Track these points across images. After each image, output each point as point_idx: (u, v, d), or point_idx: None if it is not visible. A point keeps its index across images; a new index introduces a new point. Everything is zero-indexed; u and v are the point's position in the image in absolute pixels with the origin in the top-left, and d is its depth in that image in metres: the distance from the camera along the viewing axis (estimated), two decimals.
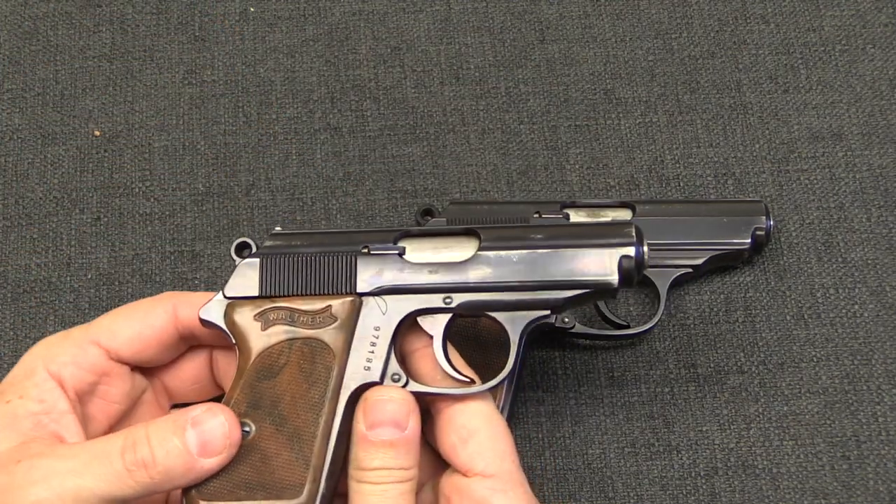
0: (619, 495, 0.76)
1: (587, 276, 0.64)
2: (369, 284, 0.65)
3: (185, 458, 0.61)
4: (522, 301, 0.65)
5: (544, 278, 0.65)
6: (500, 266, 0.65)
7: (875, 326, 0.80)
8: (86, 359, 0.66)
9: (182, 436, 0.62)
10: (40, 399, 0.64)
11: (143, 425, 0.62)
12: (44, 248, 0.83)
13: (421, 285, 0.65)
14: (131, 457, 0.60)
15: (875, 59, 0.89)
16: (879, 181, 0.85)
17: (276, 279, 0.66)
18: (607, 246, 0.65)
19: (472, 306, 0.65)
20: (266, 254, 0.66)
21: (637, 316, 0.81)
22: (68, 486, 0.59)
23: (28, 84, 0.89)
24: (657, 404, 0.78)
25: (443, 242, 0.66)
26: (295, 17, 0.91)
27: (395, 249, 0.66)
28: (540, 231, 0.66)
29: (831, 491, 0.76)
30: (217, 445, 0.62)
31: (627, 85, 0.88)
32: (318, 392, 0.63)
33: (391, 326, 0.65)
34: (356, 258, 0.66)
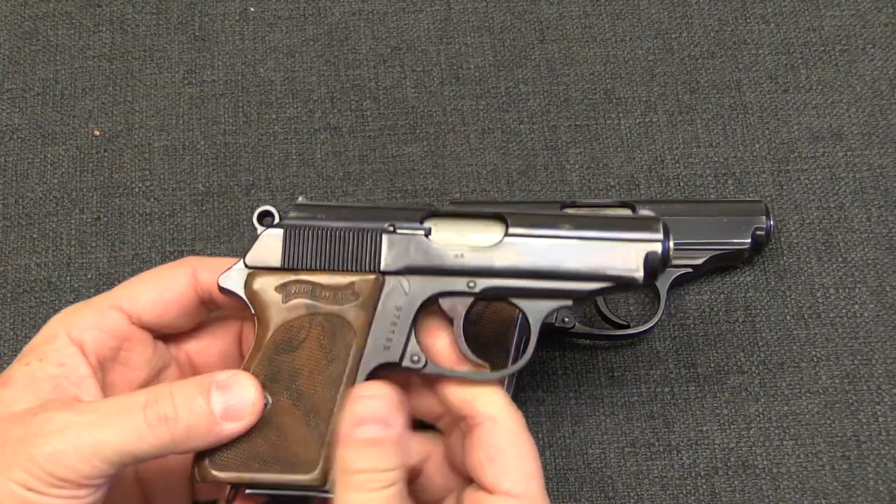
0: (619, 495, 0.76)
1: (613, 270, 0.64)
2: (394, 263, 0.64)
3: (209, 418, 0.61)
4: (546, 289, 0.64)
5: (570, 269, 0.64)
6: (526, 253, 0.64)
7: (875, 326, 0.80)
8: (107, 323, 0.65)
9: (207, 396, 0.61)
10: (60, 363, 0.63)
11: (167, 384, 0.62)
12: (44, 248, 0.83)
13: (446, 267, 0.64)
14: (153, 412, 0.60)
15: (875, 59, 0.89)
16: (879, 181, 0.85)
17: (300, 252, 0.65)
18: (634, 241, 0.64)
19: (496, 291, 0.65)
20: (290, 225, 0.65)
21: (637, 316, 0.81)
22: (85, 439, 0.59)
23: (28, 84, 0.89)
24: (657, 404, 0.78)
25: (469, 226, 0.66)
26: (295, 17, 0.91)
27: (421, 230, 0.65)
28: (568, 221, 0.65)
29: (831, 491, 0.76)
30: (241, 411, 0.61)
31: (627, 85, 0.88)
32: (337, 369, 0.63)
33: (413, 307, 0.64)
34: (381, 236, 0.65)
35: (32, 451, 0.58)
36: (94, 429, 0.59)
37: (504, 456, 0.62)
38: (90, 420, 0.59)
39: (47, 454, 0.58)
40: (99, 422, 0.59)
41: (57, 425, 0.59)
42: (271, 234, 0.65)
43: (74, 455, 0.58)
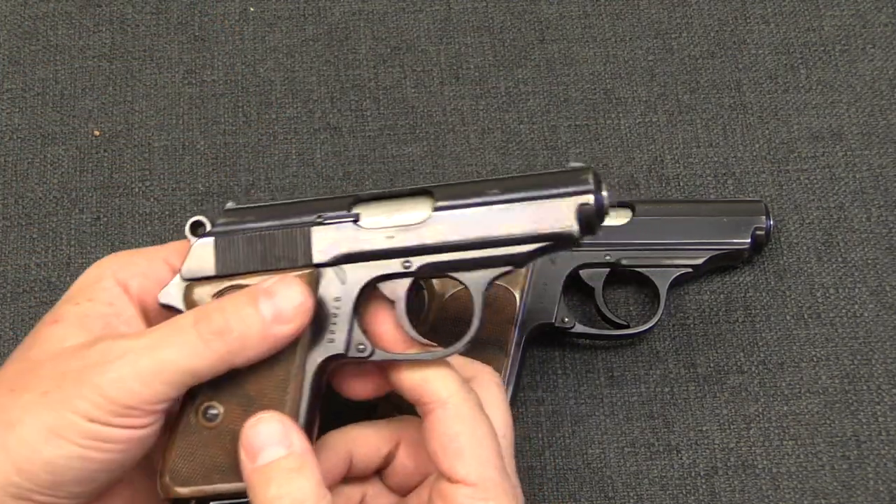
0: (619, 495, 0.76)
1: (547, 229, 0.62)
2: (326, 255, 0.63)
3: (260, 324, 0.61)
4: (482, 259, 0.63)
5: (503, 234, 0.63)
6: (457, 224, 0.63)
7: (875, 326, 0.80)
8: (153, 272, 0.65)
9: (255, 304, 0.61)
10: (110, 302, 0.63)
11: (213, 301, 0.62)
12: (43, 248, 0.83)
13: (378, 251, 0.63)
14: (205, 327, 0.60)
15: (875, 59, 0.89)
16: (879, 181, 0.85)
17: (232, 257, 0.64)
18: (565, 195, 0.63)
19: (432, 268, 0.63)
20: (219, 232, 0.65)
21: (637, 316, 0.81)
22: (146, 363, 0.59)
23: (28, 84, 0.89)
24: (657, 404, 0.78)
25: (397, 205, 0.64)
26: (295, 17, 0.91)
27: (349, 217, 0.64)
28: (495, 185, 0.64)
29: (831, 491, 0.76)
30: (290, 313, 0.61)
31: (627, 85, 0.88)
32: (282, 370, 0.62)
33: (352, 296, 0.63)
34: (310, 230, 0.64)
35: (95, 380, 0.58)
36: (153, 351, 0.59)
37: (457, 442, 0.61)
38: (147, 344, 0.59)
39: (111, 380, 0.58)
40: (156, 344, 0.59)
41: (116, 353, 0.59)
42: (202, 244, 0.65)
43: (137, 379, 0.58)
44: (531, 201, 0.63)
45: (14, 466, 0.58)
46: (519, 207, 0.63)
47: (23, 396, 0.59)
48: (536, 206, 0.63)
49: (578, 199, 0.62)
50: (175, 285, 0.64)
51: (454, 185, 0.64)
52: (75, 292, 0.64)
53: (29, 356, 0.61)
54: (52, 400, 0.58)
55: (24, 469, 0.58)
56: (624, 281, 0.81)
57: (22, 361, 0.62)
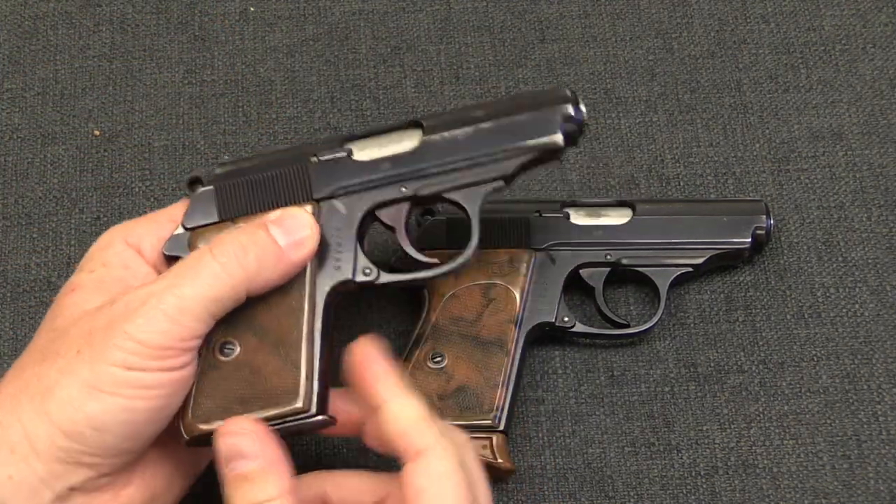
0: (620, 494, 0.76)
1: (533, 141, 0.67)
2: (324, 189, 0.66)
3: (273, 248, 0.63)
4: (474, 177, 0.67)
5: (491, 151, 0.67)
6: (448, 147, 0.67)
7: (875, 326, 0.80)
8: (162, 231, 0.67)
9: (266, 230, 0.63)
10: (124, 265, 0.65)
11: (224, 232, 0.64)
12: (44, 248, 0.83)
13: (374, 179, 0.67)
14: (221, 252, 0.62)
15: (875, 58, 0.89)
16: (880, 180, 0.85)
17: (233, 201, 0.67)
18: (546, 109, 0.68)
19: (428, 190, 0.67)
20: (219, 181, 0.67)
21: (637, 315, 0.81)
22: (171, 301, 0.60)
23: (28, 84, 0.89)
24: (657, 404, 0.78)
25: (388, 138, 0.68)
26: (295, 16, 0.91)
27: (342, 152, 0.67)
28: (479, 108, 0.68)
29: (832, 490, 0.76)
30: (301, 237, 0.64)
31: (627, 84, 0.88)
32: (294, 298, 0.64)
33: (353, 224, 0.66)
34: (307, 167, 0.67)
35: (125, 328, 0.59)
36: (175, 289, 0.60)
37: (422, 498, 0.59)
38: (168, 283, 0.61)
39: (140, 325, 0.59)
40: (176, 282, 0.61)
41: (140, 299, 0.60)
42: (202, 194, 0.67)
43: (165, 319, 0.59)
44: (514, 117, 0.67)
45: (59, 430, 0.58)
46: (504, 125, 0.67)
47: (56, 362, 0.60)
48: (520, 122, 0.67)
49: (559, 111, 0.67)
50: (179, 235, 0.66)
51: (441, 114, 0.69)
52: (89, 261, 0.66)
53: (55, 326, 0.63)
54: (86, 357, 0.59)
55: (70, 431, 0.58)
56: (624, 280, 0.81)
57: (48, 332, 0.63)
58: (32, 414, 0.59)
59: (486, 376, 0.75)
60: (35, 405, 0.59)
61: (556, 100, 0.68)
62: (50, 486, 0.59)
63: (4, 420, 0.59)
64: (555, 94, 0.68)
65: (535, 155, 0.68)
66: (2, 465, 0.58)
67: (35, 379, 0.60)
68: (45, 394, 0.59)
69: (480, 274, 0.77)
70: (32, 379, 0.60)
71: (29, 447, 0.58)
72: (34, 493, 0.59)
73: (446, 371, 0.75)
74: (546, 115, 0.68)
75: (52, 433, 0.58)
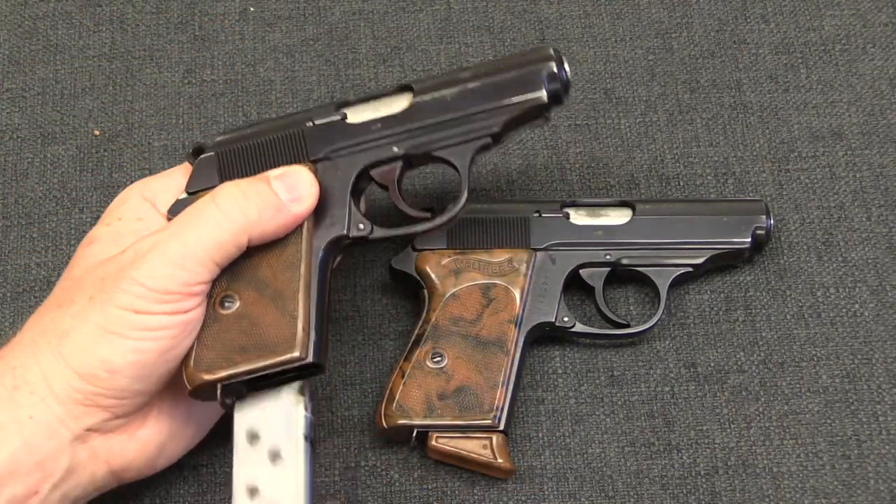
0: (620, 494, 0.76)
1: (518, 98, 0.70)
2: (320, 150, 0.69)
3: (274, 199, 0.66)
4: (462, 133, 0.70)
5: (478, 108, 0.69)
6: (437, 108, 0.70)
7: (875, 326, 0.80)
8: (176, 186, 0.70)
9: (268, 182, 0.66)
10: (139, 217, 0.68)
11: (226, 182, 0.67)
12: (44, 248, 0.83)
13: (367, 140, 0.69)
14: (222, 198, 0.65)
15: (875, 58, 0.89)
16: (880, 180, 0.85)
17: (234, 165, 0.69)
18: (530, 67, 0.70)
19: (419, 148, 0.70)
20: (220, 147, 0.70)
21: (637, 315, 0.81)
22: (175, 247, 0.63)
23: (28, 84, 0.89)
24: (657, 404, 0.78)
25: (380, 102, 0.71)
26: (295, 16, 0.91)
27: (337, 115, 0.70)
28: (466, 70, 0.71)
29: (832, 490, 0.76)
30: (301, 192, 0.67)
31: (627, 84, 0.88)
32: (292, 252, 0.67)
33: (348, 181, 0.69)
34: (303, 131, 0.70)
35: (133, 274, 0.62)
36: (179, 236, 0.63)
37: None
38: (173, 231, 0.64)
39: (146, 271, 0.62)
40: (180, 230, 0.64)
41: (146, 247, 0.63)
42: (204, 161, 0.70)
43: (170, 265, 0.62)
44: (500, 76, 0.70)
45: (75, 372, 0.62)
46: (490, 83, 0.70)
47: (70, 308, 0.63)
48: (505, 80, 0.70)
49: (543, 69, 0.70)
50: (182, 199, 0.69)
51: (431, 78, 0.71)
52: (106, 216, 0.69)
53: (71, 275, 0.66)
54: (98, 301, 0.62)
55: (85, 373, 0.62)
56: (624, 280, 0.81)
57: (66, 281, 0.66)
58: (49, 357, 0.62)
59: (486, 376, 0.75)
60: (52, 348, 0.62)
61: (540, 58, 0.71)
62: (68, 427, 0.62)
63: (25, 363, 0.62)
64: (539, 54, 0.71)
65: (520, 111, 0.70)
66: (23, 406, 0.61)
67: (52, 324, 0.63)
68: (62, 337, 0.62)
69: (480, 274, 0.77)
70: (49, 324, 0.63)
71: (47, 389, 0.62)
72: (54, 433, 0.62)
73: (446, 371, 0.75)
74: (530, 73, 0.70)
75: (68, 375, 0.62)
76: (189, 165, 0.71)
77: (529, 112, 0.70)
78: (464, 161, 0.70)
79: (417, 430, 0.74)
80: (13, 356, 0.63)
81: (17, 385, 0.61)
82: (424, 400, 0.74)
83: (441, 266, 0.77)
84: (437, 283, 0.77)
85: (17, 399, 0.61)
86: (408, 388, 0.74)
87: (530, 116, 0.71)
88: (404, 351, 0.76)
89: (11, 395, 0.61)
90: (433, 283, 0.77)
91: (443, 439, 0.74)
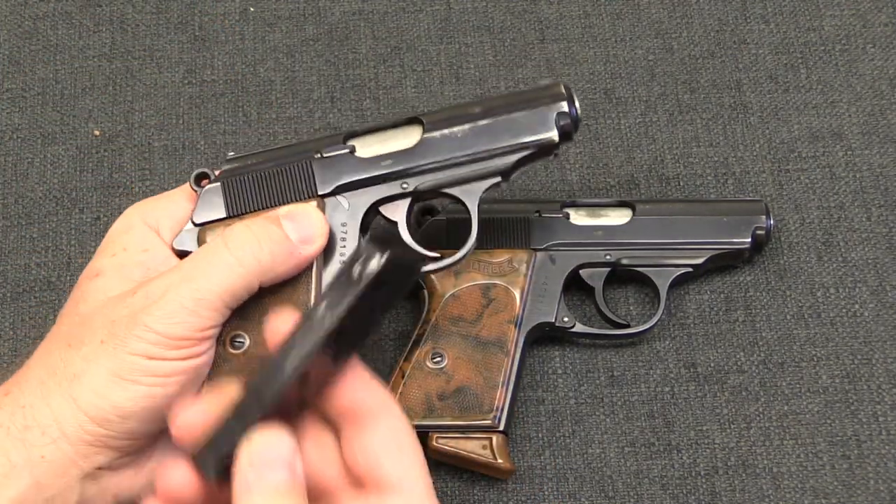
0: (620, 494, 0.76)
1: (529, 138, 0.69)
2: (329, 185, 0.69)
3: (286, 243, 0.65)
4: (473, 172, 0.69)
5: (490, 147, 0.69)
6: (447, 144, 0.69)
7: (875, 326, 0.80)
8: (179, 211, 0.69)
9: (279, 224, 0.65)
10: (144, 248, 0.67)
11: (236, 224, 0.66)
12: (44, 248, 0.83)
13: (376, 176, 0.69)
14: (236, 245, 0.63)
15: (875, 58, 0.89)
16: (880, 180, 0.85)
17: (240, 197, 0.68)
18: (542, 106, 0.70)
19: (428, 186, 0.69)
20: (226, 177, 0.69)
21: (637, 315, 0.81)
22: (186, 293, 0.62)
23: (28, 84, 0.89)
24: (657, 404, 0.78)
25: (389, 134, 0.70)
26: (295, 17, 0.91)
27: (345, 149, 0.69)
28: (477, 105, 0.70)
29: (832, 490, 0.76)
30: (312, 234, 0.66)
31: (627, 84, 0.88)
32: (302, 292, 0.66)
33: (357, 219, 0.68)
34: (311, 164, 0.69)
35: (145, 320, 0.61)
36: (191, 281, 0.62)
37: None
38: (183, 276, 0.63)
39: (159, 318, 0.61)
40: (192, 275, 0.63)
41: (158, 292, 0.62)
42: (211, 190, 0.69)
43: (183, 311, 0.62)
44: (512, 115, 0.70)
45: (86, 415, 0.61)
46: (501, 122, 0.69)
47: (81, 349, 0.62)
48: (517, 119, 0.70)
49: (555, 108, 0.70)
50: (188, 231, 0.68)
51: (441, 111, 0.70)
52: (109, 244, 0.68)
53: (78, 311, 0.65)
54: (109, 346, 0.62)
55: (97, 417, 0.61)
56: (624, 281, 0.81)
57: (73, 317, 0.65)
58: (60, 399, 0.61)
59: (486, 376, 0.75)
60: (63, 390, 0.62)
61: (552, 97, 0.70)
62: (78, 466, 0.62)
63: (35, 402, 0.62)
64: (550, 92, 0.71)
65: (531, 151, 0.70)
66: (35, 446, 0.61)
67: (62, 364, 0.62)
68: (73, 380, 0.62)
69: (480, 274, 0.77)
70: (59, 364, 0.62)
71: (58, 430, 0.61)
72: (64, 472, 0.62)
73: (446, 371, 0.75)
74: (542, 113, 0.70)
75: (80, 419, 0.61)
76: (189, 187, 0.70)
77: (540, 151, 0.70)
78: (474, 200, 0.70)
79: (417, 430, 0.74)
80: (22, 394, 0.62)
81: (29, 425, 0.61)
82: (424, 400, 0.74)
83: None
84: (436, 283, 0.77)
85: (28, 439, 0.61)
86: (408, 388, 0.74)
87: (540, 154, 0.70)
88: (404, 351, 0.76)
89: (23, 435, 0.61)
90: (433, 284, 0.77)
91: (443, 439, 0.74)
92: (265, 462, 0.55)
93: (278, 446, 0.55)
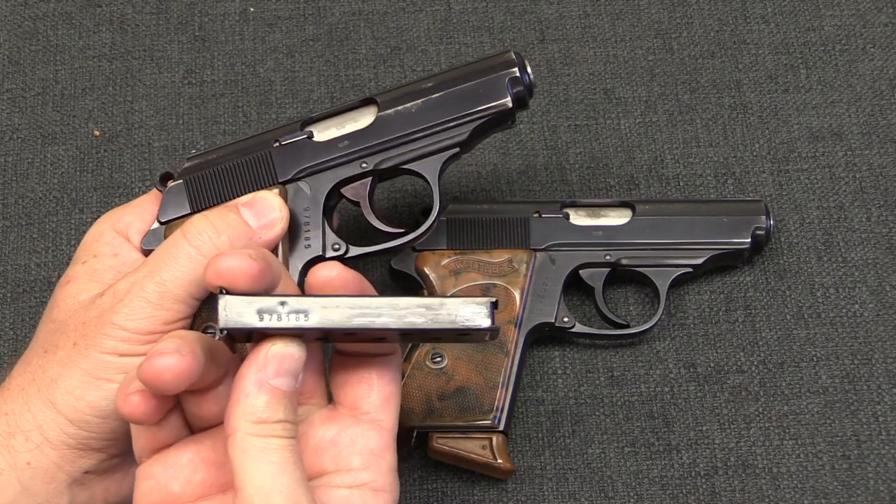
0: (619, 495, 0.76)
1: (482, 106, 0.70)
2: (289, 172, 0.69)
3: (244, 228, 0.65)
4: (430, 146, 0.70)
5: (443, 119, 0.70)
6: (402, 120, 0.70)
7: (875, 326, 0.80)
8: (148, 217, 0.69)
9: (237, 211, 0.66)
10: (114, 253, 0.67)
11: (195, 215, 0.66)
12: (44, 248, 0.83)
13: (334, 158, 0.69)
14: (195, 236, 0.64)
15: (875, 59, 0.89)
16: (879, 181, 0.85)
17: (203, 192, 0.69)
18: (493, 74, 0.70)
19: (387, 162, 0.70)
20: (188, 174, 0.70)
21: (637, 315, 0.81)
22: (151, 287, 0.62)
23: (28, 84, 0.89)
24: (657, 404, 0.78)
25: (345, 117, 0.71)
26: (295, 17, 0.91)
27: (303, 135, 0.70)
28: (430, 80, 0.71)
29: (831, 490, 0.76)
30: (271, 218, 0.66)
31: (627, 84, 0.88)
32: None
33: (319, 202, 0.69)
34: (270, 153, 0.70)
35: (113, 319, 0.62)
36: (154, 276, 0.63)
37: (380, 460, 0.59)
38: (147, 271, 0.63)
39: (126, 314, 0.62)
40: (155, 269, 0.63)
41: (123, 290, 0.63)
42: (174, 188, 0.70)
43: (148, 305, 0.62)
44: (464, 85, 0.70)
45: (65, 418, 0.62)
46: (454, 93, 0.70)
47: (56, 354, 0.63)
48: (469, 89, 0.70)
49: (506, 75, 0.70)
50: (155, 230, 0.69)
51: (394, 88, 0.71)
52: (81, 252, 0.68)
53: (52, 317, 0.66)
54: (82, 348, 0.62)
55: (75, 419, 0.62)
56: (624, 281, 0.81)
57: (48, 324, 0.66)
58: (41, 404, 0.62)
59: (486, 377, 0.75)
60: (42, 396, 0.62)
61: (503, 64, 0.71)
62: (65, 471, 0.62)
63: (17, 410, 0.62)
64: (501, 59, 0.71)
65: (486, 119, 0.70)
66: (20, 453, 0.62)
67: (40, 371, 0.63)
68: (50, 385, 0.62)
69: (480, 274, 0.77)
70: (38, 371, 0.63)
71: (41, 436, 0.62)
72: (52, 478, 0.62)
73: (446, 371, 0.75)
74: (493, 81, 0.70)
75: (60, 422, 0.62)
76: (158, 193, 0.70)
77: (496, 118, 0.70)
78: (434, 172, 0.70)
79: (417, 430, 0.74)
80: (4, 402, 0.63)
81: (12, 433, 0.62)
82: (424, 400, 0.74)
83: (441, 266, 0.77)
84: (436, 283, 0.77)
85: (13, 446, 0.62)
86: (408, 388, 0.74)
87: (497, 122, 0.71)
88: (404, 351, 0.76)
89: (8, 442, 0.62)
90: (433, 284, 0.77)
91: (443, 440, 0.74)
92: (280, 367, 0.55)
93: (297, 359, 0.56)
